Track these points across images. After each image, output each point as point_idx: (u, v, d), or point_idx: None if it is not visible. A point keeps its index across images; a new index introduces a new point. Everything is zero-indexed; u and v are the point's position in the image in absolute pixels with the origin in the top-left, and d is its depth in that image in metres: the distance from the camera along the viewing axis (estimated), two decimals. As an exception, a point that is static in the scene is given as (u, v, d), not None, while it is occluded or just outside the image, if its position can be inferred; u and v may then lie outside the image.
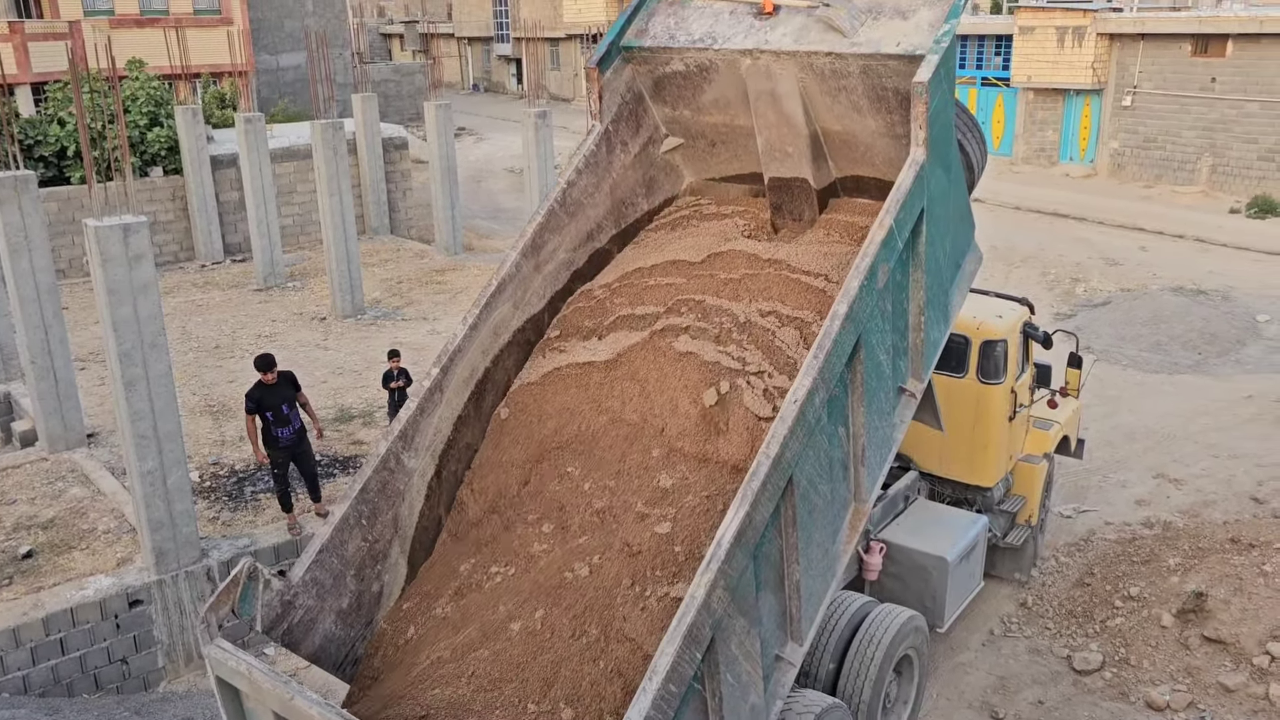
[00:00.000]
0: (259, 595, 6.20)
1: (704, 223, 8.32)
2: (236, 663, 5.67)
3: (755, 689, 6.04)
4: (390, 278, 20.60)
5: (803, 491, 6.21)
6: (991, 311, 10.15)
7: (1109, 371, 16.33)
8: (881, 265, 6.68)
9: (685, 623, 5.30)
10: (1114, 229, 25.80)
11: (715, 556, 5.50)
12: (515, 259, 7.75)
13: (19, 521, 10.76)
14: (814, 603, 6.58)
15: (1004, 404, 10.07)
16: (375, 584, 6.84)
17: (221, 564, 9.90)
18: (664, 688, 5.16)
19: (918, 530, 9.50)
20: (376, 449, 6.88)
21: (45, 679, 9.04)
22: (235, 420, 13.44)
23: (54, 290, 12.13)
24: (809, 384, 6.07)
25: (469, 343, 7.42)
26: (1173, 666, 9.35)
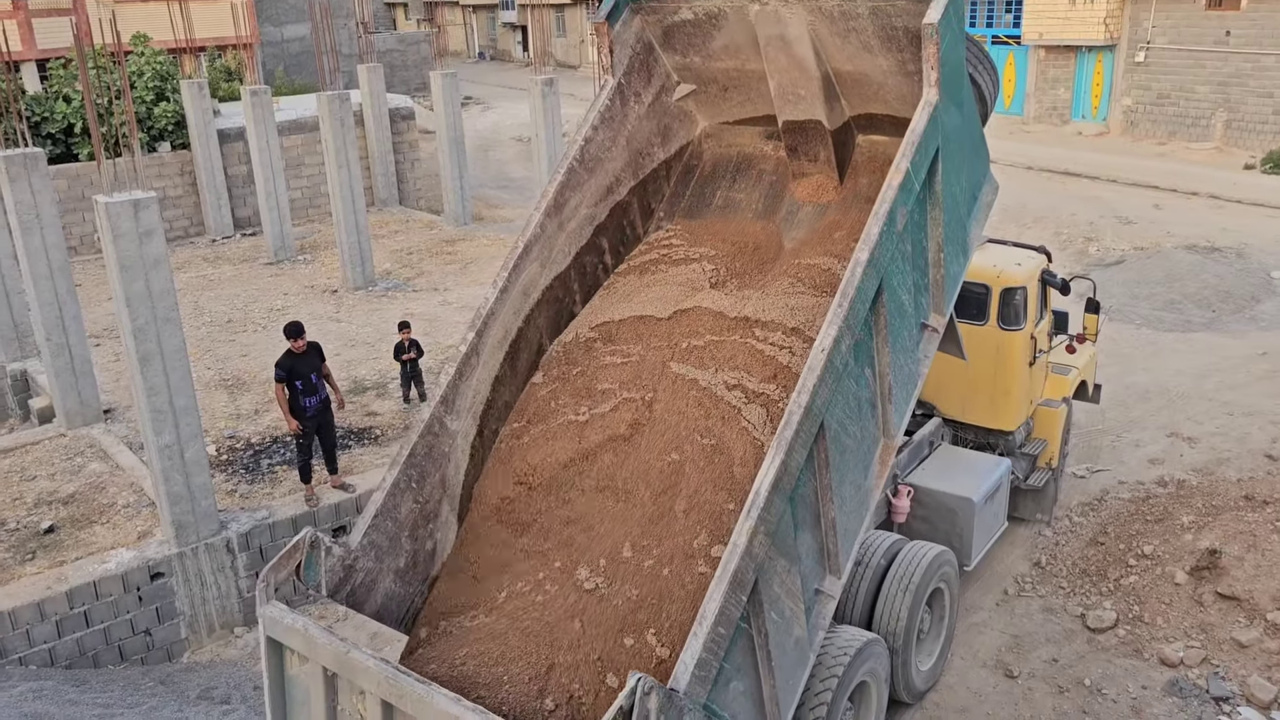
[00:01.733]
0: (321, 562, 6.47)
1: (672, 268, 8.12)
2: (293, 621, 5.91)
3: (798, 623, 6.35)
4: (400, 249, 20.61)
5: (834, 434, 6.45)
6: (1011, 260, 10.41)
7: (1122, 331, 16.26)
8: (900, 208, 6.83)
9: (730, 569, 5.58)
10: (1127, 187, 25.56)
11: (754, 504, 5.77)
12: (539, 219, 7.93)
13: (40, 497, 10.89)
14: (850, 537, 6.85)
15: (1024, 350, 10.33)
16: (428, 542, 7.16)
17: (240, 536, 10.02)
18: (713, 631, 5.46)
19: (943, 474, 9.80)
20: (420, 415, 7.18)
21: (71, 651, 9.19)
22: (250, 394, 13.53)
23: (66, 267, 12.18)
24: (835, 332, 6.29)
25: (501, 305, 7.67)
26: (1186, 623, 9.39)
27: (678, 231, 8.48)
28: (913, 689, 8.64)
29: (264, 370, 13.82)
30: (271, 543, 10.25)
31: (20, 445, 12.11)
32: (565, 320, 8.39)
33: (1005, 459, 10.27)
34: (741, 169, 9.13)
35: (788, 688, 6.35)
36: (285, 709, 6.17)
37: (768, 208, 8.88)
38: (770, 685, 6.16)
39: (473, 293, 17.56)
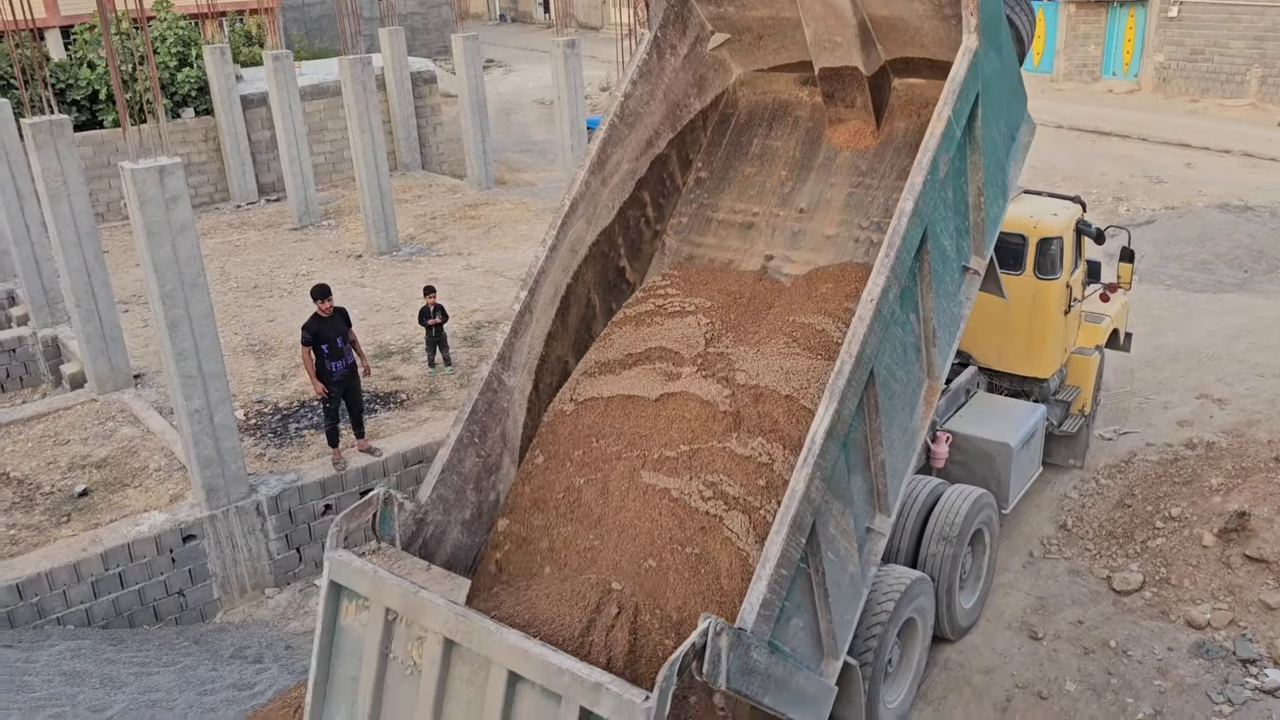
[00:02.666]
0: (395, 517, 6.80)
1: (668, 320, 8.08)
2: (361, 564, 6.18)
3: (852, 561, 6.68)
4: (424, 214, 20.62)
5: (883, 380, 6.71)
6: (1047, 210, 10.57)
7: (1152, 292, 16.05)
8: (942, 156, 6.96)
9: (790, 513, 5.91)
10: (1158, 145, 25.12)
11: (810, 451, 6.08)
12: (584, 177, 8.17)
13: (73, 461, 11.06)
14: (898, 477, 7.13)
15: (1060, 299, 10.48)
16: (491, 494, 7.55)
17: (270, 499, 10.14)
18: (776, 572, 5.81)
19: (981, 420, 10.03)
20: (479, 373, 7.51)
21: (107, 611, 9.38)
22: (277, 359, 13.64)
23: (94, 234, 12.28)
24: (883, 281, 6.51)
25: (550, 263, 7.97)
26: (1214, 585, 9.34)
27: (674, 279, 8.48)
28: (956, 626, 8.96)
29: (290, 335, 13.92)
30: (300, 505, 10.38)
31: (53, 410, 12.29)
32: (611, 275, 8.61)
33: (1040, 405, 10.46)
34: (777, 116, 9.17)
35: (843, 622, 6.71)
36: (330, 659, 6.34)
37: (804, 154, 8.92)
38: (827, 620, 6.50)
39: (496, 256, 17.57)
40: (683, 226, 9.05)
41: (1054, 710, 8.24)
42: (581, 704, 5.30)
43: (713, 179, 9.17)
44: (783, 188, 8.87)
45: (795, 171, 8.88)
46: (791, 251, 8.58)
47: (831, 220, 8.52)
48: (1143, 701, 8.23)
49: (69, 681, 7.82)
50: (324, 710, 6.37)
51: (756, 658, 5.71)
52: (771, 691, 5.91)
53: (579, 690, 5.32)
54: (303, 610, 10.06)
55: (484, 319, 14.72)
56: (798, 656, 6.30)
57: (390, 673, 6.08)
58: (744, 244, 8.78)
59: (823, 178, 8.72)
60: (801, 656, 6.37)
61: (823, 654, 6.65)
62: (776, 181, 8.92)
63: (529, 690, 5.54)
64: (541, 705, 5.50)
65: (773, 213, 8.79)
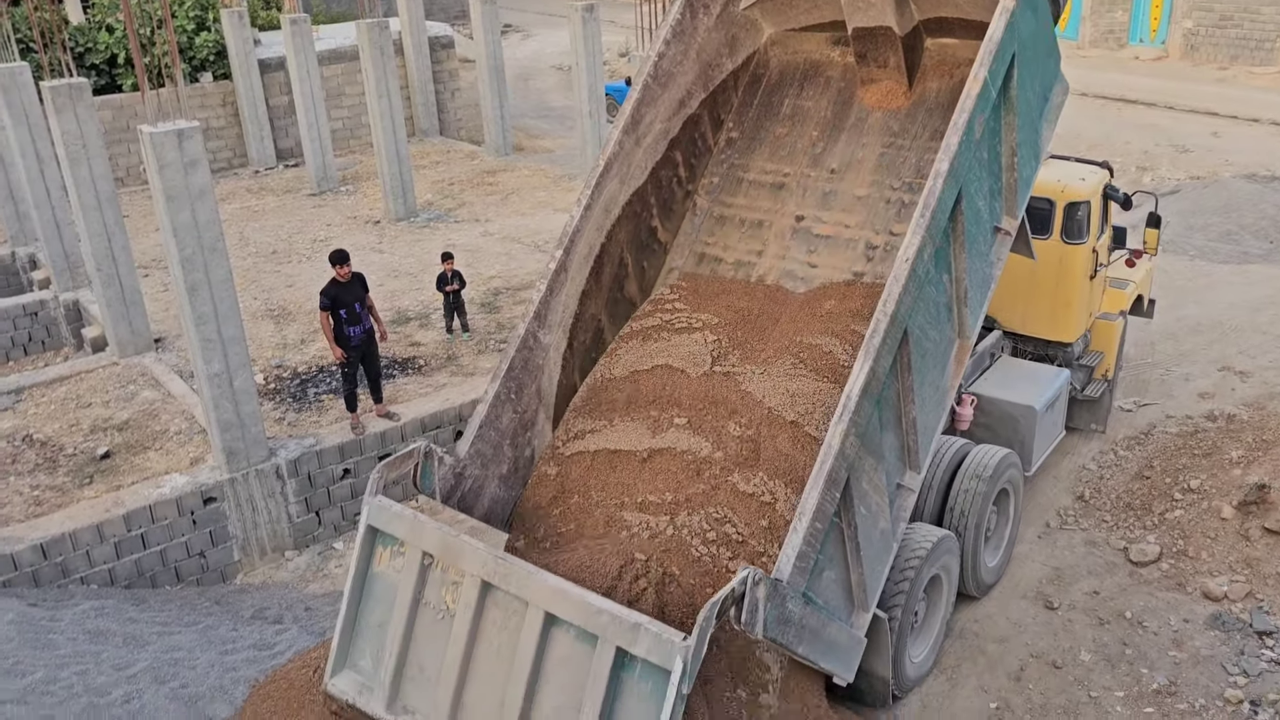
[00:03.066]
0: (435, 471, 6.98)
1: (675, 337, 8.04)
2: (400, 509, 6.34)
3: (883, 516, 6.86)
4: (441, 180, 20.57)
5: (916, 339, 6.83)
6: (1075, 175, 10.58)
7: (1175, 263, 15.88)
8: (978, 117, 7.01)
9: (825, 469, 6.08)
10: (1185, 114, 24.74)
11: (846, 409, 6.24)
12: (618, 137, 8.25)
13: (95, 424, 11.17)
14: (928, 435, 7.29)
15: (1086, 263, 10.50)
16: (527, 449, 7.75)
17: (289, 462, 10.22)
18: (811, 526, 5.99)
19: (1006, 383, 10.14)
20: (516, 331, 7.67)
21: (130, 572, 9.50)
22: (296, 324, 13.70)
23: (114, 198, 12.32)
24: (918, 241, 6.59)
25: (585, 222, 8.07)
26: (1231, 558, 9.31)
27: (682, 292, 8.49)
28: (981, 583, 9.11)
29: (309, 301, 13.96)
30: (319, 470, 10.46)
31: (75, 373, 12.40)
32: (644, 234, 8.67)
33: (1064, 370, 10.53)
34: (809, 76, 9.16)
35: (874, 575, 6.88)
36: (360, 604, 6.47)
37: (836, 115, 8.91)
38: (859, 573, 6.68)
39: (514, 223, 17.53)
40: (714, 187, 9.07)
41: (1068, 680, 8.26)
42: (619, 644, 5.41)
43: (744, 139, 9.17)
44: (814, 148, 8.87)
45: (827, 132, 8.86)
46: (822, 212, 8.58)
47: (863, 181, 8.52)
48: (1157, 672, 8.23)
49: (93, 640, 7.95)
50: (349, 654, 6.49)
51: (792, 608, 5.87)
52: (806, 641, 6.08)
53: (617, 631, 5.43)
54: (322, 573, 10.17)
55: (501, 285, 14.72)
56: (830, 608, 6.45)
57: (421, 618, 6.21)
58: (775, 204, 8.78)
59: (854, 138, 8.71)
60: (833, 608, 6.53)
61: (853, 606, 6.82)
62: (808, 142, 8.91)
63: (564, 634, 5.66)
64: (576, 648, 5.62)
65: (804, 173, 8.79)
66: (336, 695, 6.46)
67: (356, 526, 10.61)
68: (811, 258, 8.47)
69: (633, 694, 5.44)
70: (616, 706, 5.49)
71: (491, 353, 12.63)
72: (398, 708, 6.23)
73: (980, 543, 8.91)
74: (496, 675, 5.88)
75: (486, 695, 5.91)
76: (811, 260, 8.46)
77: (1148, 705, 7.95)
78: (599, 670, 5.48)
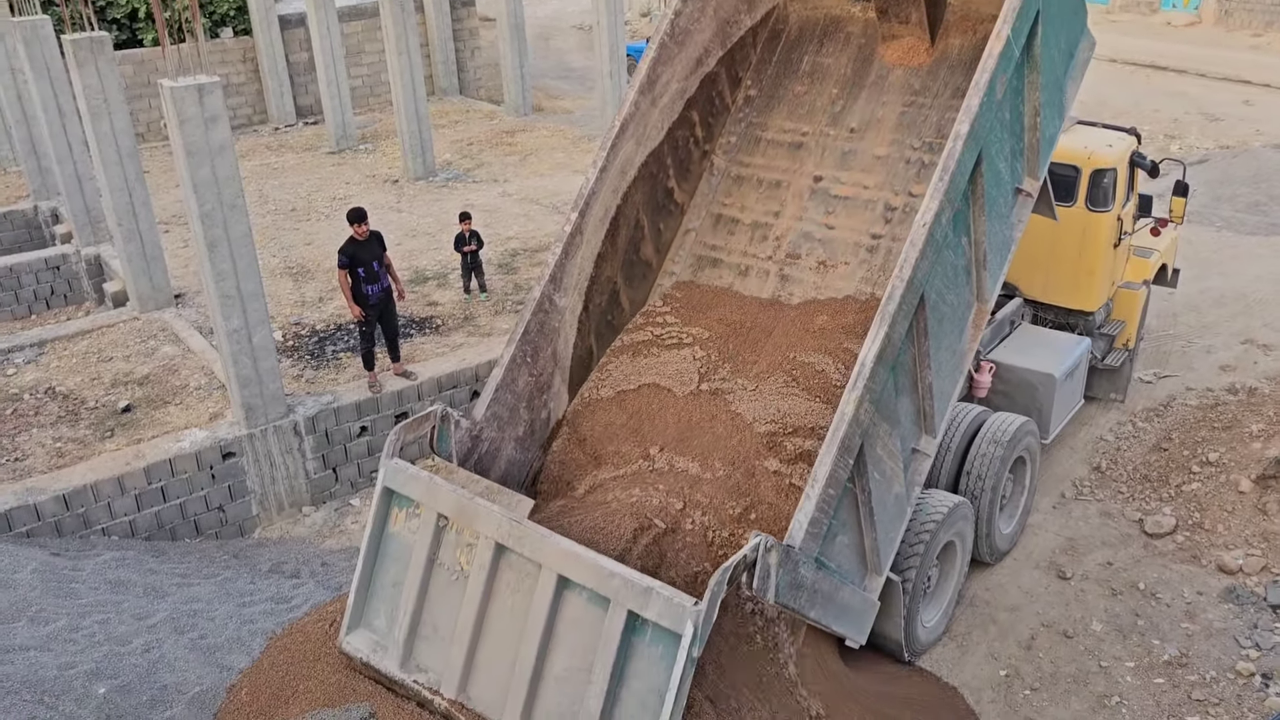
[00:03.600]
0: (451, 434, 7.00)
1: (665, 353, 7.95)
2: (416, 471, 6.40)
3: (898, 480, 6.87)
4: (460, 139, 20.49)
5: (933, 304, 6.77)
6: (1101, 141, 10.43)
7: (1201, 233, 15.67)
8: (1000, 77, 6.87)
9: (838, 436, 6.07)
10: (1216, 82, 24.30)
11: (860, 375, 6.20)
12: (634, 97, 8.15)
13: (116, 378, 11.27)
14: (945, 400, 7.25)
15: (1110, 231, 10.40)
16: (543, 411, 7.77)
17: (307, 419, 10.30)
18: (824, 492, 6.00)
19: (1025, 351, 10.09)
20: (531, 294, 7.64)
21: (150, 524, 9.63)
22: (315, 282, 13.74)
23: (134, 153, 12.33)
24: (936, 206, 6.49)
25: (600, 184, 8.00)
26: (1248, 531, 9.27)
27: (675, 304, 8.37)
28: (995, 550, 9.15)
29: (328, 259, 13.99)
30: (337, 426, 10.53)
31: (97, 327, 12.50)
32: (660, 196, 8.60)
33: (1085, 338, 10.47)
34: (829, 33, 9.02)
35: (888, 540, 6.90)
36: (375, 564, 6.55)
37: (856, 72, 8.78)
38: (872, 538, 6.70)
39: (532, 184, 17.47)
40: (731, 146, 8.98)
41: (1078, 649, 8.28)
42: (630, 607, 5.45)
43: (762, 97, 9.05)
44: (833, 106, 8.76)
45: (846, 90, 8.74)
46: (841, 172, 8.49)
47: (883, 140, 8.41)
48: (1169, 644, 8.24)
49: (114, 590, 8.07)
50: (364, 613, 6.57)
51: (804, 573, 5.90)
52: (818, 605, 6.12)
53: (629, 594, 5.47)
54: (338, 529, 10.27)
55: (519, 246, 14.69)
56: (843, 572, 6.49)
57: (436, 579, 6.27)
58: (793, 164, 8.69)
59: (874, 96, 8.59)
60: (846, 572, 6.56)
61: (866, 570, 6.84)
62: (827, 100, 8.80)
63: (576, 596, 5.71)
64: (588, 610, 5.66)
65: (823, 132, 8.69)
66: (351, 653, 6.55)
67: (373, 484, 10.71)
68: (829, 219, 8.38)
69: (643, 657, 5.49)
70: (627, 669, 5.54)
71: (509, 313, 12.64)
72: (411, 666, 6.31)
73: (995, 509, 8.91)
74: (509, 636, 5.94)
75: (499, 655, 5.98)
76: (829, 222, 8.37)
77: (1158, 676, 7.97)
78: (610, 633, 5.52)
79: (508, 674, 5.90)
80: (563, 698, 5.73)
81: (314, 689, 6.52)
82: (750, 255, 8.57)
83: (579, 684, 5.67)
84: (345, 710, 6.19)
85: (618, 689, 5.56)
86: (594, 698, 5.55)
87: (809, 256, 8.33)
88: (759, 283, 8.42)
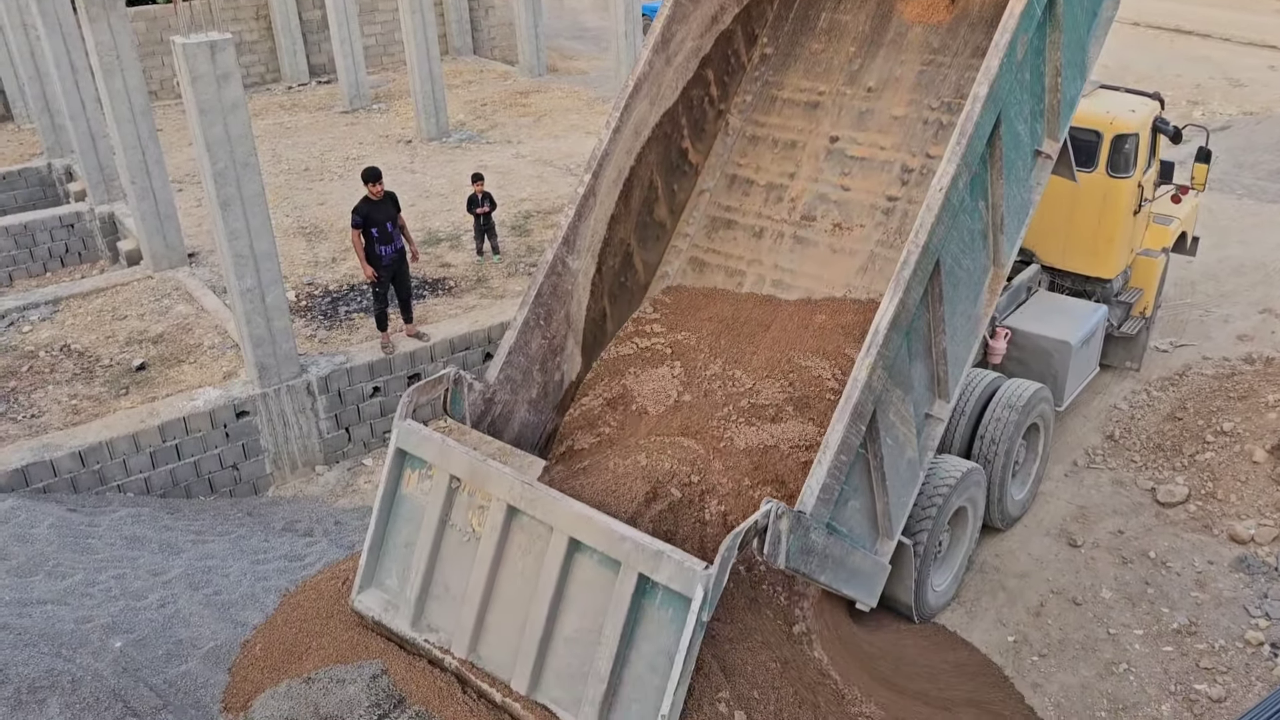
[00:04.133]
0: (465, 397, 7.03)
1: (644, 373, 7.74)
2: (429, 433, 6.42)
3: (911, 445, 6.86)
4: (474, 100, 20.34)
5: (948, 269, 6.70)
6: (1124, 106, 10.28)
7: (1221, 201, 15.48)
8: (1020, 37, 6.73)
9: (851, 402, 6.05)
10: (1241, 46, 23.90)
11: (873, 342, 6.15)
12: (648, 56, 8.07)
13: (131, 336, 11.32)
14: (959, 364, 7.20)
15: (1131, 198, 10.29)
16: (556, 374, 7.79)
17: (320, 379, 10.33)
18: (836, 459, 5.99)
19: (1041, 317, 10.04)
20: (544, 257, 7.61)
21: (165, 481, 9.71)
22: (328, 242, 13.72)
23: (148, 110, 12.29)
24: (953, 170, 6.39)
25: (614, 146, 7.93)
26: (1261, 501, 9.24)
27: (664, 310, 8.21)
28: (1006, 516, 9.17)
29: (341, 219, 13.97)
30: (349, 387, 10.56)
31: (111, 285, 12.53)
32: (674, 156, 8.54)
33: (1102, 306, 10.42)
34: None
35: (899, 504, 6.90)
36: (387, 525, 6.60)
37: (874, 29, 8.65)
38: (884, 502, 6.70)
39: (546, 146, 17.35)
40: (747, 105, 8.88)
41: (1087, 616, 8.29)
42: (641, 570, 5.47)
43: (778, 55, 8.94)
44: (851, 65, 8.63)
45: (864, 48, 8.61)
46: (858, 133, 8.39)
47: (900, 100, 8.29)
48: (1178, 612, 8.24)
49: (130, 545, 8.16)
50: (376, 573, 6.63)
51: (815, 539, 5.91)
52: (829, 570, 6.15)
53: (640, 557, 5.49)
54: (351, 488, 10.34)
55: (532, 208, 14.63)
56: (854, 536, 6.50)
57: (448, 540, 6.32)
58: (809, 124, 8.59)
59: (893, 54, 8.46)
60: (858, 536, 6.58)
61: (878, 534, 6.86)
62: (844, 58, 8.67)
63: (587, 559, 5.74)
64: (599, 573, 5.69)
65: (839, 91, 8.58)
66: (362, 612, 6.61)
67: (385, 444, 10.76)
68: (845, 180, 8.30)
69: (653, 620, 5.52)
70: (637, 631, 5.58)
71: (521, 275, 12.61)
72: (422, 625, 6.37)
73: (1008, 475, 8.90)
74: (520, 597, 5.98)
75: (509, 617, 6.02)
76: (845, 183, 8.28)
77: (1166, 644, 7.98)
78: (621, 595, 5.56)
79: (518, 635, 5.95)
80: (572, 659, 5.78)
81: (327, 646, 6.59)
82: (765, 217, 8.49)
83: (588, 645, 5.71)
84: (358, 667, 6.26)
85: (627, 651, 5.60)
86: (603, 659, 5.59)
87: (824, 219, 8.25)
88: (773, 244, 8.36)
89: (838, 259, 8.09)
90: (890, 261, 7.81)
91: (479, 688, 6.04)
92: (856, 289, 7.85)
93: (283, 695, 6.20)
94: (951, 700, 7.22)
